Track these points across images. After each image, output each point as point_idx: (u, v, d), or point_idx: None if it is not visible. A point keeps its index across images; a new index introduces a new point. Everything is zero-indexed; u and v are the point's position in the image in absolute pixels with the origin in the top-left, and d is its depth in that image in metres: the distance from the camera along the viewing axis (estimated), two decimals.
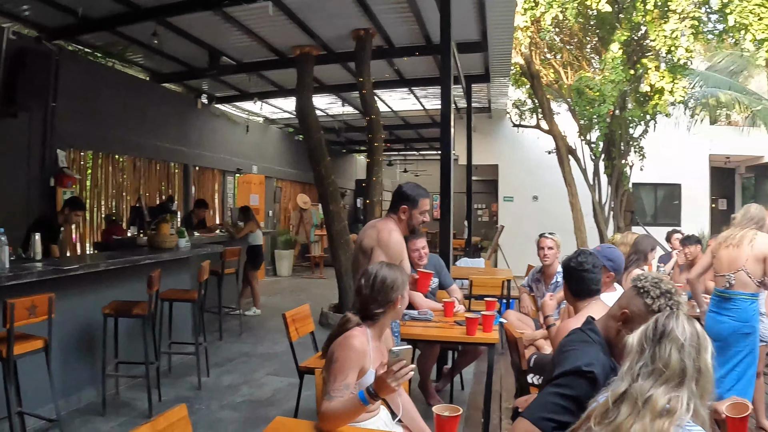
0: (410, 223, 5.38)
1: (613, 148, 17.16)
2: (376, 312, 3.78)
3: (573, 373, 3.09)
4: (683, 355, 2.55)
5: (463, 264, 14.26)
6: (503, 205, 22.94)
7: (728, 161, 24.93)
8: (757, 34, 12.80)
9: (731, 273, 5.87)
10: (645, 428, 2.42)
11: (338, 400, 3.36)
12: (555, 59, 18.70)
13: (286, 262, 20.16)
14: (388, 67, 13.69)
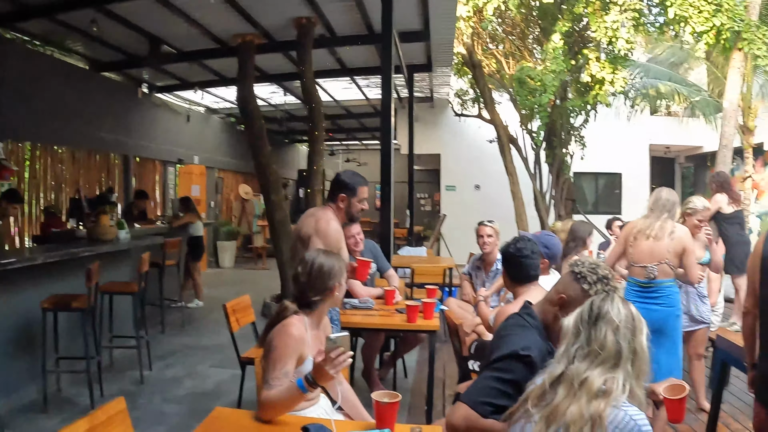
0: (349, 211, 5.39)
1: (554, 137, 17.33)
2: (313, 300, 3.78)
3: (510, 357, 3.12)
4: (618, 336, 2.59)
5: (405, 253, 14.31)
6: (445, 195, 22.97)
7: (668, 151, 25.32)
8: (697, 26, 12.97)
9: (653, 265, 5.92)
10: (581, 409, 2.45)
11: (277, 389, 3.34)
12: (497, 49, 18.80)
13: (229, 253, 20.02)
14: (330, 56, 13.62)
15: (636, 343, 2.61)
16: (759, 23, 13.58)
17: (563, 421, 2.46)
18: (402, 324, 6.09)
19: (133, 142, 15.07)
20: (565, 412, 2.47)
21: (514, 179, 17.65)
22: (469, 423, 3.03)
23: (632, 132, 21.44)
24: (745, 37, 13.13)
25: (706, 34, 13.01)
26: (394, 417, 3.28)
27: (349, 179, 5.42)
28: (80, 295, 6.85)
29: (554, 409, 2.52)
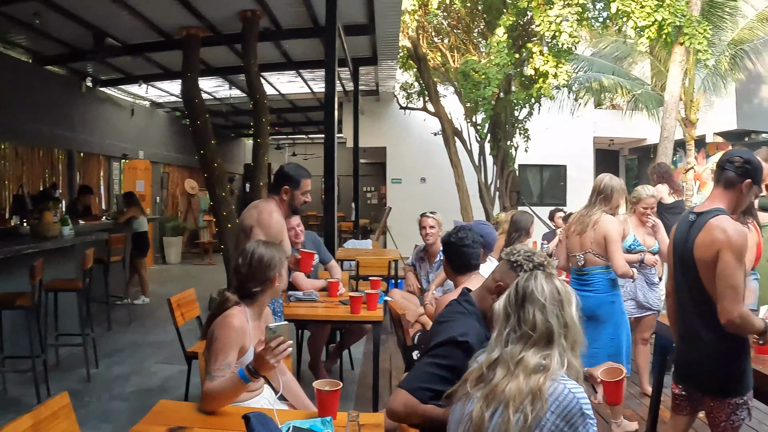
0: (292, 203, 5.40)
1: (499, 129, 17.48)
2: (254, 291, 3.79)
3: (448, 344, 3.18)
4: (546, 315, 2.66)
5: (350, 246, 14.36)
6: (391, 187, 23.05)
7: (612, 143, 25.69)
8: (639, 21, 13.15)
9: (581, 254, 6.07)
10: (520, 386, 2.52)
11: (219, 380, 3.36)
12: (442, 43, 18.91)
13: (175, 249, 19.81)
14: (276, 50, 13.57)
15: (566, 316, 2.69)
16: (700, 18, 13.86)
17: (503, 398, 2.52)
18: (346, 315, 6.14)
19: (77, 137, 14.89)
20: (504, 390, 2.54)
21: (459, 171, 17.79)
22: (409, 408, 3.09)
23: (577, 125, 21.66)
24: (686, 32, 13.34)
25: (648, 28, 13.19)
26: (335, 405, 3.33)
27: (293, 171, 5.43)
28: (24, 293, 6.78)
29: (493, 388, 2.58)
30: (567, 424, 2.47)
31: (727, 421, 3.91)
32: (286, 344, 3.29)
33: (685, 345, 4.15)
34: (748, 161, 3.95)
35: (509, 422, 2.46)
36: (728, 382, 3.91)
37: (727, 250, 3.73)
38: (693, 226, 3.94)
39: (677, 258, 4.14)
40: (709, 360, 3.94)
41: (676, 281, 4.20)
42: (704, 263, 3.85)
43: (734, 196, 3.97)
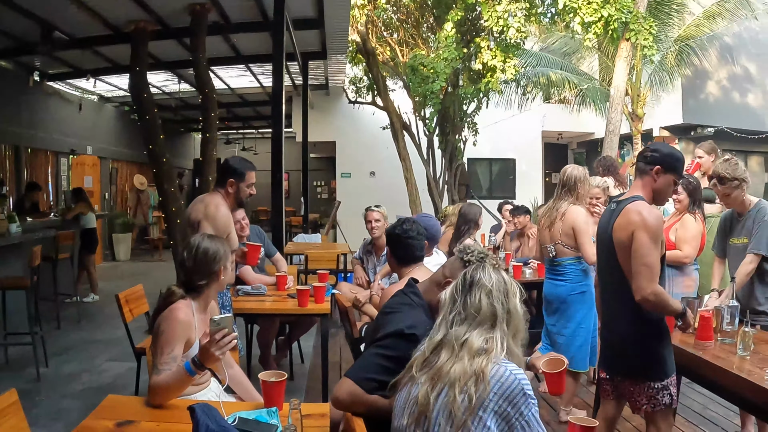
0: (238, 196, 5.42)
1: (447, 123, 17.59)
2: (199, 284, 3.81)
3: (395, 335, 3.22)
4: (492, 299, 2.76)
5: (300, 240, 14.34)
6: (341, 182, 23.03)
7: (561, 137, 25.92)
8: (586, 17, 13.32)
9: (551, 245, 6.22)
10: (464, 367, 2.60)
11: (166, 373, 3.37)
12: (391, 37, 18.94)
13: (124, 245, 19.59)
14: (225, 43, 13.49)
15: (510, 304, 2.79)
16: (646, 15, 14.11)
17: (448, 379, 2.59)
18: (294, 309, 6.16)
19: (24, 132, 14.68)
20: (449, 371, 2.61)
21: (408, 165, 17.88)
22: (354, 398, 3.12)
23: (525, 119, 21.87)
24: (632, 28, 13.56)
25: (594, 24, 13.38)
26: (281, 396, 3.38)
27: (237, 164, 5.45)
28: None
29: (438, 370, 2.65)
30: (510, 404, 2.54)
31: (648, 404, 4.04)
32: (231, 336, 3.31)
33: (606, 330, 4.32)
34: (655, 150, 4.12)
35: (455, 402, 2.53)
36: (646, 366, 4.05)
37: (641, 230, 3.88)
38: (613, 215, 4.08)
39: (599, 246, 4.33)
40: (627, 344, 4.08)
41: (600, 268, 4.40)
42: (621, 245, 4.00)
43: (649, 184, 4.10)
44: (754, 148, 21.78)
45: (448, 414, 2.54)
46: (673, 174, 4.09)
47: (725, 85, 21.28)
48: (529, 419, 2.57)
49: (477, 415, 2.52)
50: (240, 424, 2.99)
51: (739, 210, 5.48)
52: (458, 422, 2.52)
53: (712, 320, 4.60)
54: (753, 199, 5.43)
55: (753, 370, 4.00)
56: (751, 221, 5.30)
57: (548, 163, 26.29)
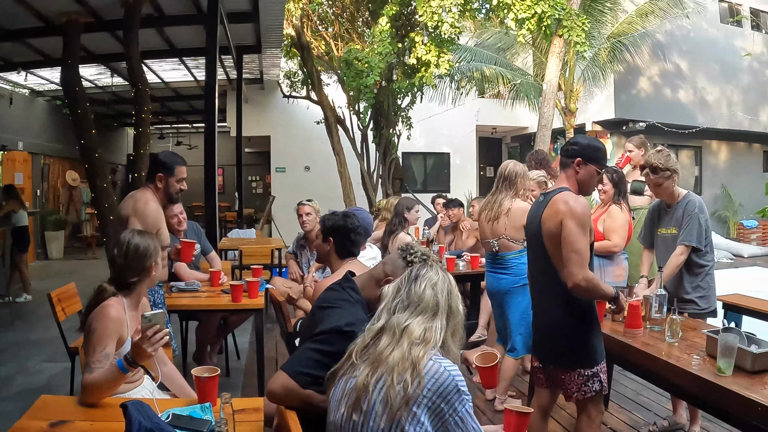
0: (168, 191, 5.37)
1: (381, 118, 17.61)
2: (131, 281, 3.78)
3: (333, 332, 3.22)
4: (436, 291, 2.82)
5: (234, 235, 14.29)
6: (276, 176, 22.94)
7: (495, 131, 26.16)
8: (519, 13, 13.48)
9: (494, 240, 6.26)
10: (404, 354, 2.63)
11: (99, 371, 3.34)
12: (326, 31, 18.91)
13: (57, 243, 19.24)
14: (158, 36, 13.34)
15: (452, 301, 2.85)
16: (579, 12, 14.35)
17: (387, 365, 2.62)
18: (228, 304, 6.14)
19: None
20: (389, 357, 2.64)
21: (342, 159, 17.89)
22: (288, 391, 3.12)
23: (460, 113, 22.05)
24: (565, 25, 13.78)
25: (528, 21, 13.54)
26: (215, 391, 3.37)
27: (167, 158, 5.41)
28: None
29: (379, 354, 2.69)
30: (443, 400, 2.57)
31: (579, 392, 4.13)
32: (163, 332, 3.30)
33: (537, 319, 4.41)
34: (575, 143, 4.24)
35: (392, 388, 2.56)
36: (576, 354, 4.13)
37: (568, 218, 3.96)
38: (541, 206, 4.18)
39: (529, 236, 4.44)
40: (557, 332, 4.17)
41: (530, 259, 4.50)
42: (549, 235, 4.09)
43: (572, 176, 4.21)
44: (684, 143, 22.21)
45: (386, 401, 2.56)
46: (595, 164, 4.18)
47: (657, 81, 21.64)
48: (463, 415, 2.61)
49: (411, 411, 2.54)
50: (173, 421, 2.98)
51: (668, 201, 5.60)
52: (393, 411, 2.54)
53: (640, 309, 4.72)
54: (682, 191, 5.55)
55: (681, 356, 4.12)
56: (680, 212, 5.41)
57: (482, 157, 26.52)
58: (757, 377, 3.68)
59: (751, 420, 3.39)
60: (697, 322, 5.10)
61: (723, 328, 4.14)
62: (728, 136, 23.71)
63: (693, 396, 4.08)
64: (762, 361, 3.77)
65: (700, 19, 21.23)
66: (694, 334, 4.59)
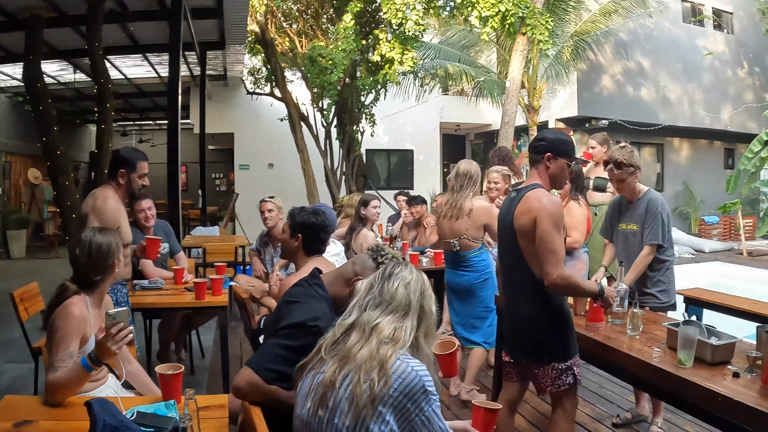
0: (129, 187, 5.31)
1: (345, 115, 17.67)
2: (94, 279, 3.75)
3: (298, 326, 3.22)
4: (409, 290, 2.81)
5: (198, 233, 14.22)
6: (240, 174, 22.85)
7: (458, 128, 26.30)
8: (483, 11, 13.57)
9: (455, 240, 6.34)
10: (372, 351, 2.63)
11: (62, 371, 3.31)
12: (290, 28, 18.88)
13: (19, 242, 18.96)
14: (122, 32, 13.22)
15: (425, 301, 2.84)
16: (543, 10, 14.46)
17: (355, 362, 2.62)
18: (192, 302, 6.11)
19: None
20: (357, 354, 2.64)
21: (305, 156, 17.90)
22: (253, 387, 3.12)
23: (424, 110, 22.13)
24: (528, 23, 13.92)
25: (491, 18, 13.61)
26: (179, 388, 3.36)
27: (128, 154, 5.35)
28: None
29: (347, 351, 2.68)
30: (410, 400, 2.57)
31: (553, 385, 4.16)
32: (127, 330, 3.28)
33: (510, 314, 4.40)
34: (542, 138, 4.26)
35: (359, 385, 2.55)
36: (550, 348, 4.16)
37: (542, 217, 3.98)
38: (514, 201, 4.20)
39: (501, 232, 4.43)
40: (530, 327, 4.18)
41: (501, 255, 4.49)
42: (522, 232, 4.10)
43: (543, 172, 4.23)
44: (646, 140, 22.44)
45: (352, 399, 2.56)
46: (564, 158, 4.21)
47: (619, 79, 21.87)
48: (430, 415, 2.62)
49: (377, 410, 2.54)
50: (138, 418, 2.97)
51: (628, 197, 5.68)
52: (359, 409, 2.54)
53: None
54: (643, 187, 5.63)
55: (642, 349, 4.18)
56: (643, 208, 5.48)
57: (446, 154, 26.63)
58: (717, 368, 3.75)
59: (712, 411, 3.45)
60: (657, 315, 5.19)
61: (683, 321, 4.21)
62: (690, 134, 24.03)
63: (655, 388, 4.13)
64: (722, 353, 3.85)
65: (663, 19, 21.56)
66: (655, 327, 4.66)
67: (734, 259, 18.05)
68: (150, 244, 5.99)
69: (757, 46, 24.83)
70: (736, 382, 3.54)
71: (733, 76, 24.56)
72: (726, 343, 3.90)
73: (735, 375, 3.61)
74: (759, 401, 3.23)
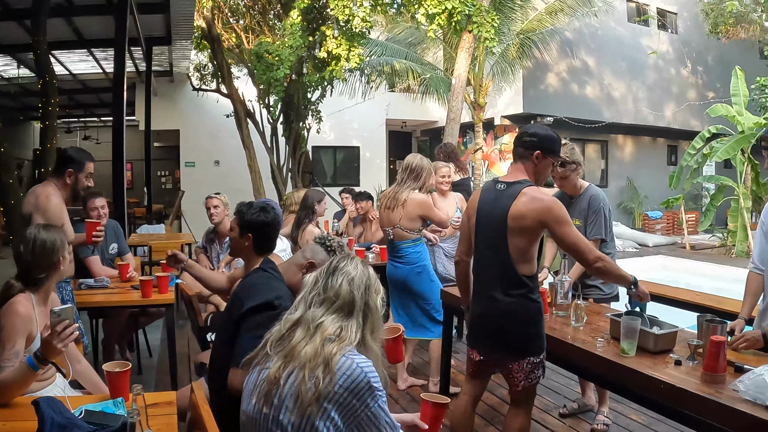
0: (75, 187, 5.31)
1: (291, 111, 17.62)
2: (39, 277, 3.73)
3: (264, 307, 3.25)
4: (353, 287, 2.81)
5: (143, 231, 14.11)
6: (185, 171, 22.62)
7: (405, 125, 26.37)
8: (430, 8, 13.64)
9: (390, 228, 6.54)
10: (316, 349, 2.64)
11: (8, 370, 3.28)
12: (237, 24, 18.78)
13: None
14: (67, 27, 13.03)
15: (369, 297, 2.84)
16: (489, 8, 14.60)
17: (299, 360, 2.63)
18: (138, 300, 6.07)
19: None
20: (301, 352, 2.65)
21: (252, 153, 17.91)
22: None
23: (370, 107, 22.13)
24: (475, 21, 14.02)
25: (438, 16, 13.69)
26: (126, 386, 3.34)
27: (76, 155, 5.38)
28: None
29: (292, 348, 2.69)
30: (355, 397, 2.60)
31: (526, 380, 4.19)
32: (72, 327, 3.25)
33: (484, 308, 4.34)
34: (533, 134, 4.23)
35: (303, 383, 2.57)
36: (527, 343, 4.18)
37: (552, 221, 4.02)
38: (503, 195, 4.15)
39: (482, 224, 4.33)
40: (509, 322, 4.18)
41: (478, 247, 4.40)
42: (520, 229, 4.08)
43: (531, 168, 4.22)
44: (591, 137, 22.73)
45: (296, 396, 2.57)
46: (552, 156, 4.25)
47: (564, 77, 22.10)
48: (375, 411, 2.65)
49: (322, 407, 2.56)
50: (86, 417, 2.97)
51: (570, 192, 5.77)
52: (304, 407, 2.56)
53: (547, 295, 4.92)
54: (584, 183, 5.74)
55: (586, 339, 4.32)
56: (585, 204, 5.58)
57: (392, 151, 26.72)
58: (660, 357, 3.88)
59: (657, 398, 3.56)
60: (601, 306, 5.33)
61: (626, 312, 4.28)
62: (634, 131, 24.39)
63: (599, 377, 4.25)
64: (663, 342, 3.98)
65: (609, 18, 21.82)
66: (599, 318, 4.79)
67: (677, 253, 18.38)
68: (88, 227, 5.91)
69: (700, 46, 25.25)
70: (678, 369, 3.67)
71: (677, 75, 24.94)
72: (667, 333, 4.04)
73: (677, 363, 3.74)
74: (701, 387, 3.35)
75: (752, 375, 3.17)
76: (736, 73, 17.81)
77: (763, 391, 3.06)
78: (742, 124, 17.03)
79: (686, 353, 3.84)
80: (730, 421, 3.11)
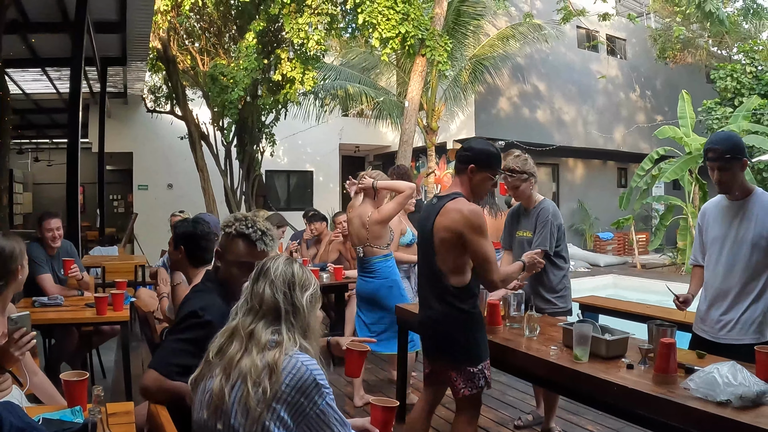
0: None
1: (245, 134, 17.66)
2: None
3: (189, 317, 3.32)
4: (275, 290, 2.80)
5: (96, 253, 14.02)
6: (138, 194, 22.43)
7: (358, 150, 26.52)
8: (384, 33, 13.79)
9: (360, 247, 6.62)
10: (254, 361, 2.66)
11: None
12: (193, 46, 18.74)
13: None
14: (21, 44, 12.84)
15: (295, 298, 2.82)
16: (442, 33, 14.81)
17: (239, 372, 2.66)
18: (92, 317, 6.05)
19: None
20: (240, 364, 2.68)
21: (206, 176, 17.87)
22: (158, 384, 3.20)
23: (324, 131, 22.38)
24: (428, 45, 14.24)
25: (392, 40, 13.86)
26: (84, 395, 3.35)
27: None
28: None
29: (230, 360, 2.72)
30: (303, 395, 2.64)
31: (466, 388, 4.25)
32: (30, 335, 3.27)
33: (424, 318, 4.49)
34: (468, 149, 4.36)
35: (249, 396, 2.60)
36: (463, 352, 4.26)
37: (467, 232, 4.11)
38: (434, 209, 4.29)
39: (420, 238, 4.53)
40: (445, 331, 4.28)
41: (419, 260, 4.59)
42: (441, 240, 4.21)
43: (466, 182, 4.33)
44: (542, 160, 22.95)
45: (244, 406, 2.61)
46: (488, 170, 4.32)
47: (516, 101, 22.42)
48: (324, 408, 2.68)
49: (271, 407, 2.60)
50: (44, 425, 2.95)
51: (525, 204, 5.88)
52: (254, 415, 2.59)
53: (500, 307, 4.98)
54: (539, 196, 5.85)
55: (540, 348, 4.40)
56: (535, 217, 5.69)
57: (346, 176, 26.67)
58: (612, 362, 4.00)
59: (613, 402, 3.70)
60: (554, 319, 5.40)
61: (578, 321, 4.42)
62: (584, 154, 24.79)
63: (554, 383, 4.33)
64: (615, 347, 4.11)
65: (559, 44, 22.24)
66: (552, 329, 4.87)
67: (628, 272, 18.70)
68: (66, 264, 5.95)
69: (649, 71, 25.86)
70: (630, 372, 3.79)
71: (626, 99, 25.49)
72: (619, 338, 4.16)
73: (629, 367, 3.86)
74: (654, 388, 3.47)
75: (702, 374, 3.32)
76: (683, 96, 18.27)
77: (713, 388, 3.20)
78: (689, 145, 17.42)
79: (638, 358, 3.94)
80: (685, 418, 3.23)
